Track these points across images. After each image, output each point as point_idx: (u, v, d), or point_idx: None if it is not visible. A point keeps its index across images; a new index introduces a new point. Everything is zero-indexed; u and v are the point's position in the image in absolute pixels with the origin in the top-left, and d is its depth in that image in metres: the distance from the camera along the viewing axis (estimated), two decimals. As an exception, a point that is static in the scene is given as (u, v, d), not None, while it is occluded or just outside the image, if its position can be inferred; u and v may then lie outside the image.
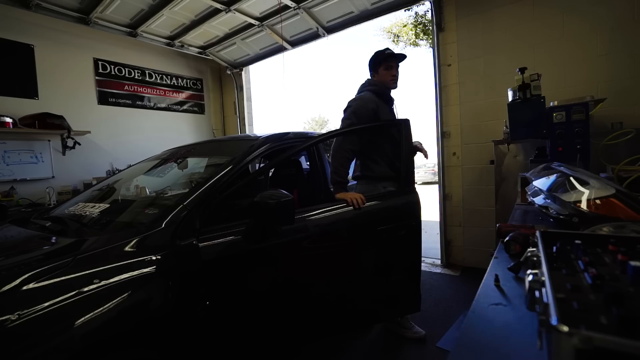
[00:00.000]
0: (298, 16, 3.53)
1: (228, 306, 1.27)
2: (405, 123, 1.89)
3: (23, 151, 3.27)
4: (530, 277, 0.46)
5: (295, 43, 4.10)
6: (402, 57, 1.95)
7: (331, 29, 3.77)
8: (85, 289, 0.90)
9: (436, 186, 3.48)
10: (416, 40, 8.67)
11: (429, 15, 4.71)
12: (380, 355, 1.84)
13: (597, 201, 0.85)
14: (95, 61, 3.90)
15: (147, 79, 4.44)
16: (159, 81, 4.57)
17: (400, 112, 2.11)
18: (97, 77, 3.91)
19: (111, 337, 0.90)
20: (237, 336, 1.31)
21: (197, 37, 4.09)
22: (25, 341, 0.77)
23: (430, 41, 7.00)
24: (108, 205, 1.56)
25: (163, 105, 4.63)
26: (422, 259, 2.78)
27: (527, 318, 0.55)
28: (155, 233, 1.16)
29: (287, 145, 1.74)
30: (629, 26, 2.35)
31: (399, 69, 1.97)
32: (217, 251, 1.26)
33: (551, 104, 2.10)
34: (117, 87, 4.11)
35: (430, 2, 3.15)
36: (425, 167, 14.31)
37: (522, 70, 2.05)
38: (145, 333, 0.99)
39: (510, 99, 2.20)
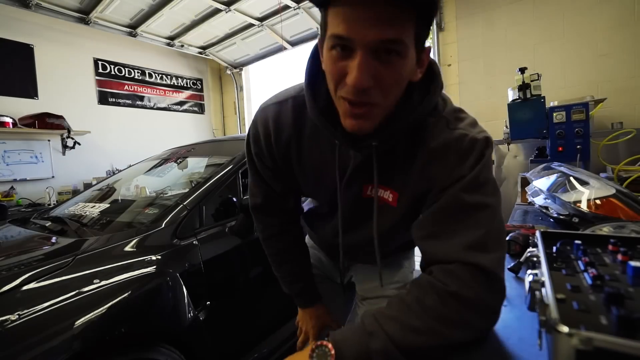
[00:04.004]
0: (298, 16, 3.53)
1: (229, 305, 1.27)
2: None
3: (23, 151, 3.27)
4: (530, 278, 0.46)
5: (295, 43, 4.10)
6: None
7: (331, 29, 3.77)
8: (86, 289, 0.90)
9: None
10: (416, 40, 8.67)
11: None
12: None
13: (597, 201, 0.85)
14: (95, 61, 3.90)
15: (147, 78, 4.44)
16: (159, 81, 4.57)
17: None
18: (97, 77, 3.91)
19: (111, 337, 0.89)
20: (239, 333, 1.31)
21: (197, 37, 4.09)
22: (25, 341, 0.77)
23: (430, 40, 7.01)
24: (108, 205, 1.56)
25: (163, 105, 4.62)
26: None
27: (527, 318, 0.55)
28: (155, 233, 1.16)
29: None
30: (630, 26, 2.34)
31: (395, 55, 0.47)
32: (216, 250, 1.26)
33: (551, 103, 2.10)
34: (117, 87, 4.11)
35: (431, 2, 3.15)
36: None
37: (522, 70, 2.05)
38: (145, 333, 0.99)
39: (510, 99, 2.20)
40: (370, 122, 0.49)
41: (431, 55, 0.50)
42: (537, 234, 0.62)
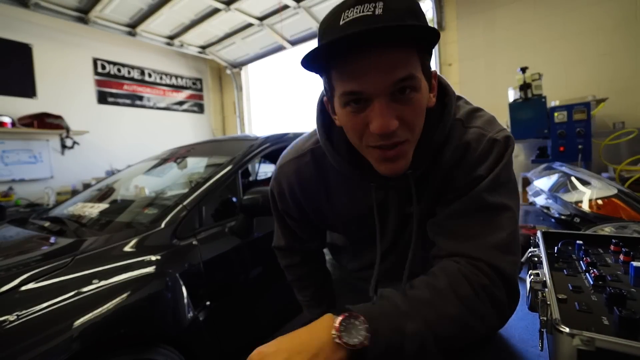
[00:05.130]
0: (298, 15, 3.52)
1: (228, 305, 1.26)
2: None
3: (22, 151, 3.27)
4: (531, 278, 0.46)
5: (295, 42, 4.10)
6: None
7: (331, 29, 3.77)
8: (85, 289, 0.90)
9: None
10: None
11: (429, 14, 4.72)
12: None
13: (599, 201, 0.85)
14: (95, 60, 3.90)
15: (147, 78, 4.43)
16: (158, 81, 4.56)
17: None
18: (96, 77, 3.91)
19: (110, 337, 0.89)
20: (239, 333, 1.31)
21: (196, 37, 4.08)
22: (24, 342, 0.76)
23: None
24: (107, 206, 1.56)
25: (162, 105, 4.62)
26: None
27: (528, 318, 0.54)
28: (155, 233, 1.16)
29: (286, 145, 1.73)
30: (631, 25, 2.34)
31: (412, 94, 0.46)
32: (215, 250, 1.26)
33: (552, 103, 2.10)
34: (117, 86, 4.11)
35: (432, 1, 3.15)
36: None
37: (524, 69, 2.05)
38: (144, 333, 0.98)
39: (511, 98, 2.20)
40: (404, 161, 0.49)
41: (431, 55, 0.51)
42: (539, 234, 0.61)
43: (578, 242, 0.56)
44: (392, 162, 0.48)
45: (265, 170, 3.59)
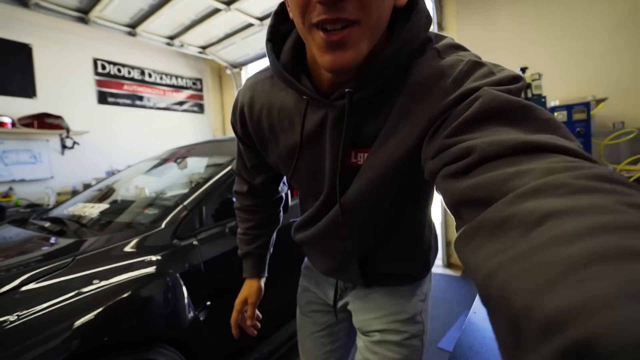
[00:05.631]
0: (298, 15, 3.53)
1: (229, 305, 1.26)
2: None
3: (22, 151, 3.26)
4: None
5: (295, 42, 4.10)
6: None
7: (331, 29, 3.77)
8: (85, 290, 0.90)
9: (436, 186, 3.45)
10: (416, 39, 8.66)
11: (429, 14, 4.69)
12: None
13: (600, 201, 0.85)
14: (95, 60, 3.90)
15: (147, 78, 4.43)
16: (158, 81, 4.56)
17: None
18: (96, 77, 3.90)
19: (111, 337, 0.89)
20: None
21: (197, 37, 4.08)
22: (24, 342, 0.76)
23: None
24: (108, 206, 1.56)
25: (163, 105, 4.62)
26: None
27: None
28: (155, 233, 1.16)
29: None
30: (632, 25, 2.34)
31: None
32: (216, 250, 1.25)
33: (552, 103, 2.10)
34: (117, 86, 4.10)
35: (432, 1, 3.15)
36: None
37: (523, 69, 2.05)
38: (144, 334, 0.98)
39: (510, 98, 2.19)
40: (352, 51, 0.38)
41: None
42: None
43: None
44: (337, 49, 0.37)
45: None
